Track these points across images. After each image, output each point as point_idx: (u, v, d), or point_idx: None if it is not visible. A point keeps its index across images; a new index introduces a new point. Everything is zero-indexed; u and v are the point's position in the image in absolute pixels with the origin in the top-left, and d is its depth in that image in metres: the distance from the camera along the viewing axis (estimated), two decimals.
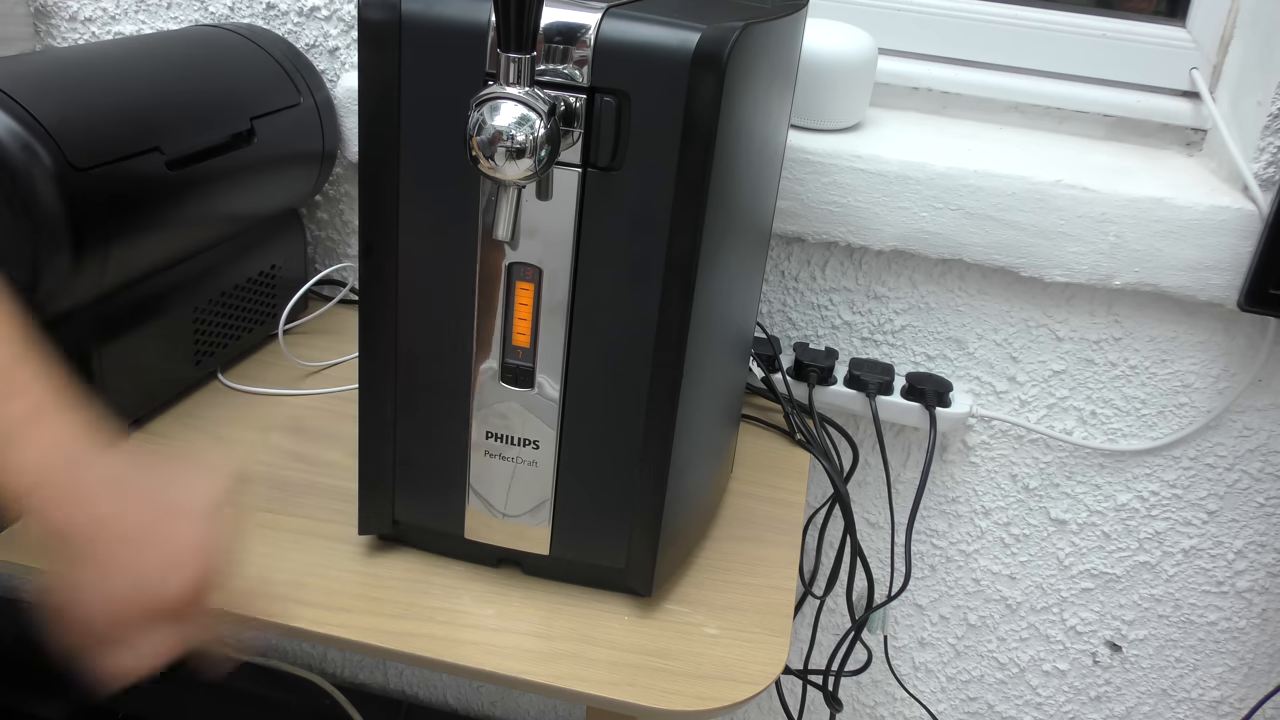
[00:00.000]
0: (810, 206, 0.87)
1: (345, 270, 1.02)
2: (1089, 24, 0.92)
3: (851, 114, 0.88)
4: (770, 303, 0.95)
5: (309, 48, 0.96)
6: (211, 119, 0.77)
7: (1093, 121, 0.94)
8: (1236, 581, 0.97)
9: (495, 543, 0.63)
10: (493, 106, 0.48)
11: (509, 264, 0.55)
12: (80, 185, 0.63)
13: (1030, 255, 0.85)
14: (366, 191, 0.56)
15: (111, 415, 0.72)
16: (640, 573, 0.61)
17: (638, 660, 0.58)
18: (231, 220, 0.81)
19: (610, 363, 0.56)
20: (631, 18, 0.50)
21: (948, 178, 0.83)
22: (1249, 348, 0.87)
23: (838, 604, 1.05)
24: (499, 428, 0.59)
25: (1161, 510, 0.95)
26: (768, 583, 0.66)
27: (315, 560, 0.64)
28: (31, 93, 0.63)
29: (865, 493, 1.01)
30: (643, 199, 0.53)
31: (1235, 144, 0.84)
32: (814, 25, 0.84)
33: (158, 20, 0.99)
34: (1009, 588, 1.02)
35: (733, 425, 0.76)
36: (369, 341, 0.59)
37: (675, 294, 0.54)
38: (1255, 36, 0.84)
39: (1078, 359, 0.91)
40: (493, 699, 1.23)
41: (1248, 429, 0.91)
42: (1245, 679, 1.01)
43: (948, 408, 0.89)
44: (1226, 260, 0.81)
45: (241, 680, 1.17)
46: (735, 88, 0.51)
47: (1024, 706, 1.08)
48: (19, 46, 0.99)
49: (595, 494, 0.60)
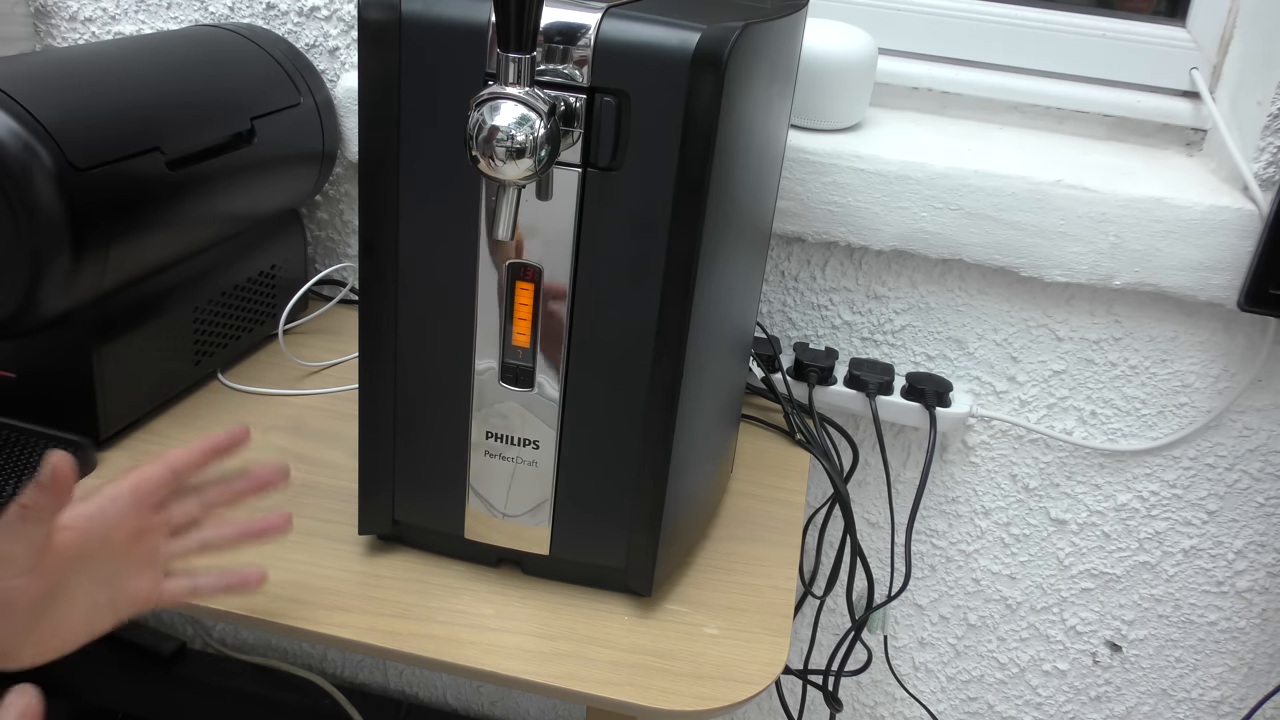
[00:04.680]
0: (810, 206, 0.87)
1: (345, 270, 1.02)
2: (1089, 24, 0.92)
3: (851, 114, 0.88)
4: (770, 303, 0.95)
5: (309, 48, 0.96)
6: (212, 119, 0.77)
7: (1093, 121, 0.94)
8: (1236, 581, 0.97)
9: (495, 543, 0.63)
10: (493, 106, 0.48)
11: (509, 264, 0.55)
12: (80, 185, 0.63)
13: (1030, 255, 0.85)
14: (366, 191, 0.56)
15: (112, 415, 0.72)
16: (640, 573, 0.61)
17: (638, 660, 0.58)
18: (231, 220, 0.81)
19: (610, 363, 0.56)
20: (631, 18, 0.50)
21: (948, 178, 0.83)
22: (1249, 348, 0.87)
23: (838, 604, 1.05)
24: (499, 428, 0.59)
25: (1161, 510, 0.95)
26: (768, 583, 0.66)
27: (315, 560, 0.64)
28: (31, 93, 0.63)
29: (865, 493, 1.01)
30: (643, 199, 0.53)
31: (1235, 144, 0.84)
32: (814, 25, 0.84)
33: (158, 20, 0.99)
34: (1009, 588, 1.02)
35: (733, 425, 0.76)
36: (369, 341, 0.59)
37: (675, 294, 0.54)
38: (1255, 36, 0.84)
39: (1078, 359, 0.91)
40: (493, 699, 1.23)
41: (1248, 429, 0.91)
42: (1245, 679, 1.01)
43: (948, 408, 0.89)
44: (1226, 260, 0.81)
45: (241, 680, 1.17)
46: (735, 88, 0.51)
47: (1024, 706, 1.08)
48: (19, 46, 1.00)
49: (595, 494, 0.60)
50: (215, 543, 0.56)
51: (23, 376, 0.71)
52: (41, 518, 0.46)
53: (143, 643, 1.17)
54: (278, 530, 0.57)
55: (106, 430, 0.72)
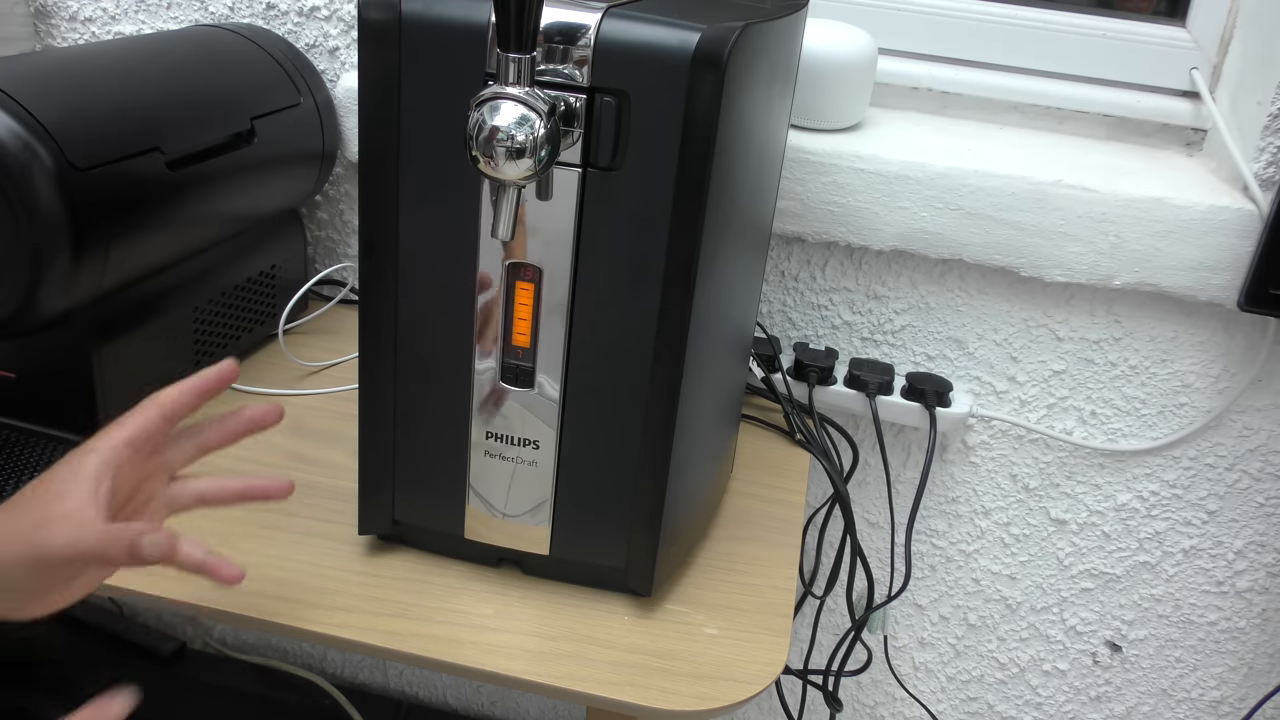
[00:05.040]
0: (810, 206, 0.87)
1: (345, 270, 1.02)
2: (1089, 24, 0.92)
3: (851, 114, 0.88)
4: (770, 303, 0.95)
5: (309, 48, 0.96)
6: (212, 119, 0.77)
7: (1093, 121, 0.94)
8: (1236, 581, 0.97)
9: (495, 543, 0.63)
10: (493, 106, 0.48)
11: (509, 264, 0.55)
12: (80, 185, 0.63)
13: (1030, 255, 0.85)
14: (366, 191, 0.56)
15: (112, 415, 0.72)
16: (640, 573, 0.61)
17: (638, 660, 0.58)
18: (231, 220, 0.81)
19: (610, 363, 0.56)
20: (631, 18, 0.50)
21: (948, 178, 0.83)
22: (1249, 348, 0.87)
23: (838, 604, 1.05)
24: (499, 428, 0.59)
25: (1161, 510, 0.95)
26: (768, 583, 0.66)
27: (315, 560, 0.64)
28: (31, 93, 0.63)
29: (865, 493, 1.01)
30: (643, 199, 0.53)
31: (1235, 144, 0.84)
32: (814, 25, 0.84)
33: (158, 20, 0.99)
34: (1009, 588, 1.02)
35: (733, 425, 0.76)
36: (369, 341, 0.59)
37: (675, 294, 0.54)
38: (1255, 36, 0.84)
39: (1078, 359, 0.91)
40: (493, 699, 1.23)
41: (1248, 429, 0.91)
42: (1245, 679, 1.01)
43: (948, 408, 0.89)
44: (1226, 260, 0.81)
45: (241, 680, 1.17)
46: (735, 88, 0.51)
47: (1024, 706, 1.08)
48: (19, 46, 0.99)
49: (595, 494, 0.60)
50: (214, 495, 0.55)
51: (23, 376, 0.71)
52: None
53: (143, 643, 1.17)
54: (280, 493, 0.56)
55: None
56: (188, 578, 0.61)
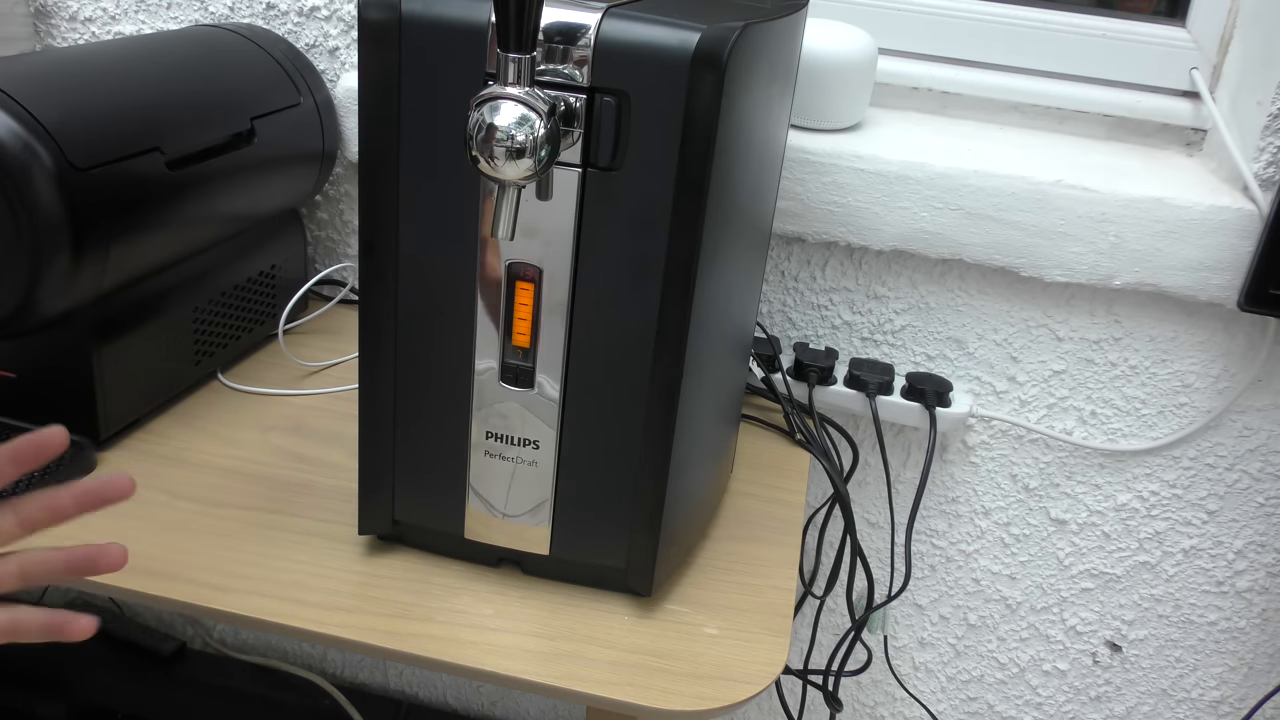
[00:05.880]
0: (810, 206, 0.87)
1: (345, 270, 1.02)
2: (1089, 24, 0.92)
3: (851, 114, 0.88)
4: (770, 303, 0.95)
5: (309, 48, 0.96)
6: (212, 119, 0.77)
7: (1093, 121, 0.94)
8: (1236, 581, 0.97)
9: (495, 543, 0.63)
10: (493, 106, 0.48)
11: (509, 264, 0.55)
12: (80, 185, 0.63)
13: (1030, 255, 0.85)
14: (366, 191, 0.56)
15: (111, 415, 0.72)
16: (640, 573, 0.61)
17: (638, 660, 0.58)
18: (231, 220, 0.81)
19: (610, 363, 0.56)
20: (631, 18, 0.50)
21: (947, 178, 0.83)
22: (1249, 348, 0.87)
23: (838, 604, 1.05)
24: (499, 428, 0.59)
25: (1161, 510, 0.95)
26: (768, 583, 0.66)
27: (315, 560, 0.64)
28: (31, 93, 0.63)
29: (865, 493, 1.01)
30: (643, 199, 0.53)
31: (1235, 144, 0.84)
32: (814, 25, 0.84)
33: (158, 20, 0.99)
34: (1009, 588, 1.02)
35: (733, 425, 0.76)
36: (369, 341, 0.59)
37: (675, 294, 0.54)
38: (1255, 36, 0.84)
39: (1078, 359, 0.91)
40: (493, 699, 1.23)
41: (1248, 429, 0.91)
42: (1245, 679, 1.01)
43: (948, 408, 0.89)
44: (1226, 260, 0.81)
45: (241, 680, 1.17)
46: (735, 88, 0.51)
47: (1024, 706, 1.08)
48: (19, 46, 1.00)
49: (595, 494, 0.60)
50: (38, 570, 0.47)
51: (23, 376, 0.71)
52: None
53: (143, 643, 1.17)
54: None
55: (106, 430, 0.72)
56: (187, 578, 0.61)
